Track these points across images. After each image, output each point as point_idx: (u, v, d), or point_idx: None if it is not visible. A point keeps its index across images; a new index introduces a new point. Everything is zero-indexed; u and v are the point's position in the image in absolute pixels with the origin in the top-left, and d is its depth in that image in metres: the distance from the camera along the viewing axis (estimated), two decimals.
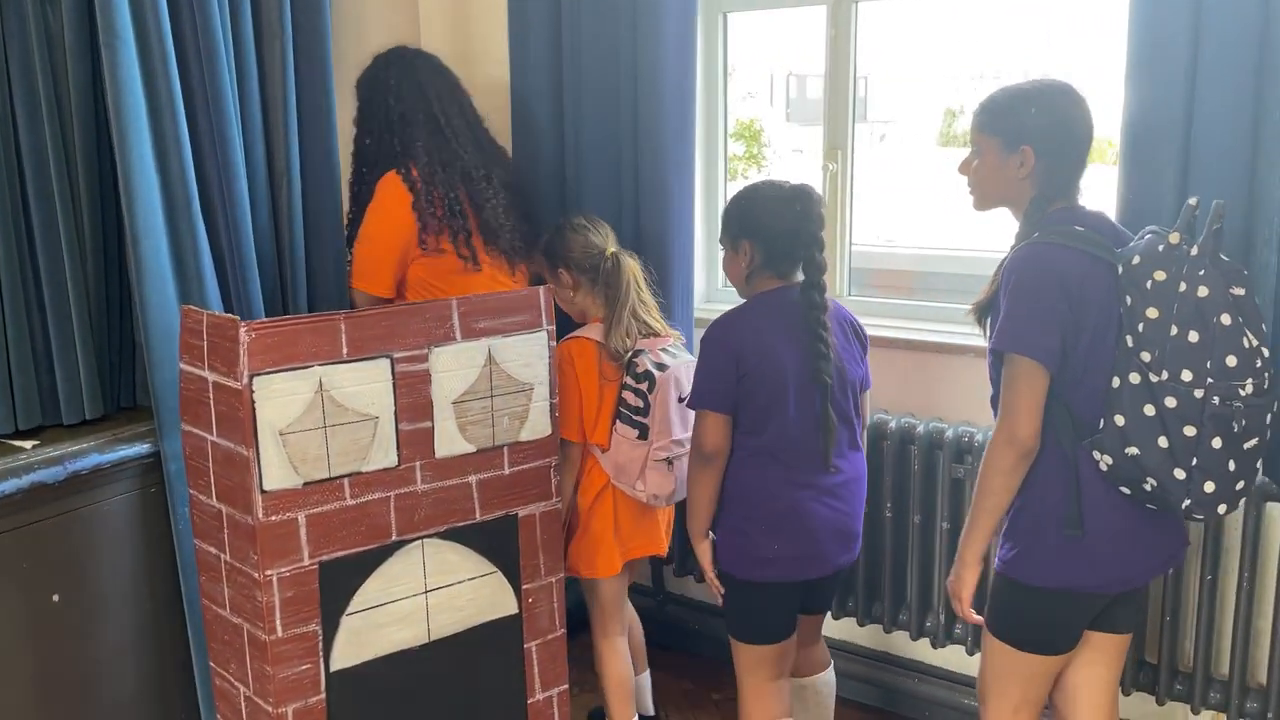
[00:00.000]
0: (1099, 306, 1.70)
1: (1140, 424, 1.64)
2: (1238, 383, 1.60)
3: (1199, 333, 1.61)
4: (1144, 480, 1.67)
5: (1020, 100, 1.79)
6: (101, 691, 2.02)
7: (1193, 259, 1.64)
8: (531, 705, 2.21)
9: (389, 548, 1.98)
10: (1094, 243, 1.73)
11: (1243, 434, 1.62)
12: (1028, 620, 1.82)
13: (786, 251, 2.07)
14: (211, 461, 1.91)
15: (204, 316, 1.87)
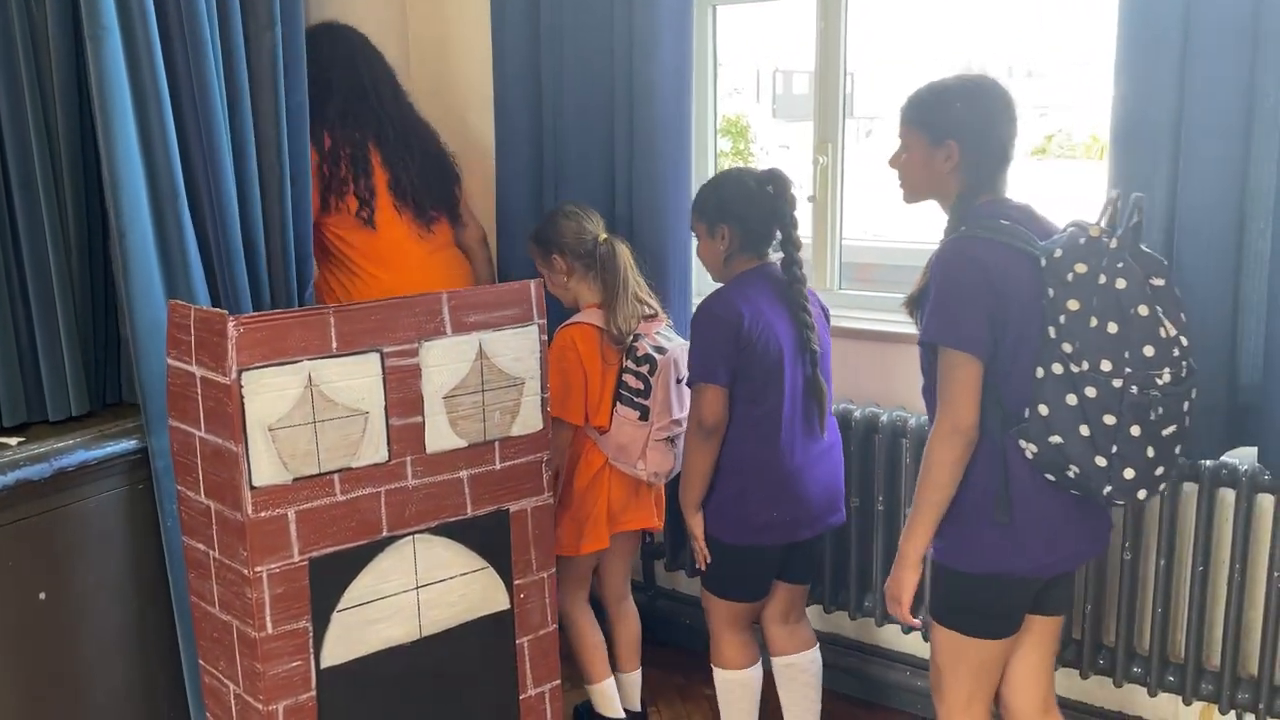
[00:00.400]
0: (1023, 299, 1.73)
1: (1063, 413, 1.68)
2: (1155, 372, 1.65)
3: (1118, 324, 1.65)
4: (1067, 467, 1.71)
5: (946, 96, 1.83)
6: (89, 690, 2.00)
7: (1112, 252, 1.67)
8: (524, 701, 2.20)
9: (380, 543, 1.96)
10: (1018, 236, 1.76)
11: (1160, 422, 1.66)
12: (968, 606, 1.86)
13: (764, 232, 2.20)
14: (200, 457, 1.90)
15: (191, 311, 1.85)
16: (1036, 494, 1.77)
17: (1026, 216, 1.83)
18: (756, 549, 2.23)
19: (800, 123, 3.36)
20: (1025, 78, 4.73)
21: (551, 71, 2.73)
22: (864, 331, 2.63)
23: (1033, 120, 4.50)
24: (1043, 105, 4.91)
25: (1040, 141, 4.84)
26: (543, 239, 2.44)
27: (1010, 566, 1.80)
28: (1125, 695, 2.43)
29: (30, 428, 2.03)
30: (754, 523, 2.19)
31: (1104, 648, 2.40)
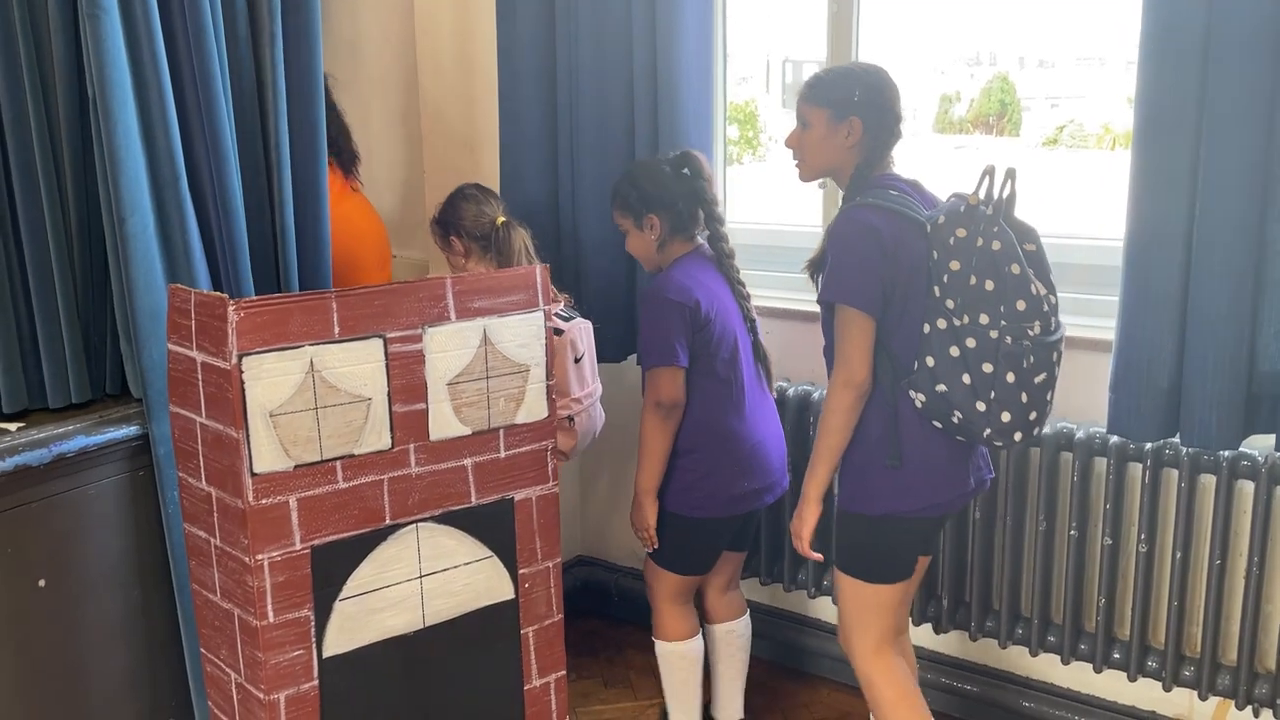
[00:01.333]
0: (911, 261, 1.90)
1: (947, 364, 1.86)
2: (1027, 324, 1.83)
3: (994, 281, 1.83)
4: (952, 414, 1.88)
5: (849, 77, 2.01)
6: (89, 678, 1.98)
7: (988, 218, 1.85)
8: (529, 692, 2.17)
9: (382, 532, 1.93)
10: (907, 205, 1.94)
11: (1032, 370, 1.85)
12: (867, 550, 2.03)
13: (690, 214, 2.30)
14: (201, 444, 1.87)
15: (191, 295, 1.82)
16: (924, 440, 1.94)
17: (914, 188, 2.01)
18: (717, 521, 2.32)
19: None
20: (1037, 68, 4.69)
21: (565, 57, 2.69)
22: None
23: (1044, 111, 4.45)
24: (1054, 96, 4.86)
25: (1052, 132, 4.79)
26: (442, 220, 2.52)
27: (902, 507, 1.97)
28: (1140, 690, 2.39)
29: (30, 414, 2.01)
30: (725, 495, 2.28)
31: (1118, 641, 2.37)
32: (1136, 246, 2.09)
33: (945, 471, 1.98)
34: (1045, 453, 2.34)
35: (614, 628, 3.12)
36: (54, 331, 2.01)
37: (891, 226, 1.90)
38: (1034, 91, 4.00)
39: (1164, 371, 2.09)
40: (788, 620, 2.86)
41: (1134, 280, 2.10)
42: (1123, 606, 2.35)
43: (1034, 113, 4.06)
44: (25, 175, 1.96)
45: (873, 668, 2.07)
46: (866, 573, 2.03)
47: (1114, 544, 2.31)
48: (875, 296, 1.89)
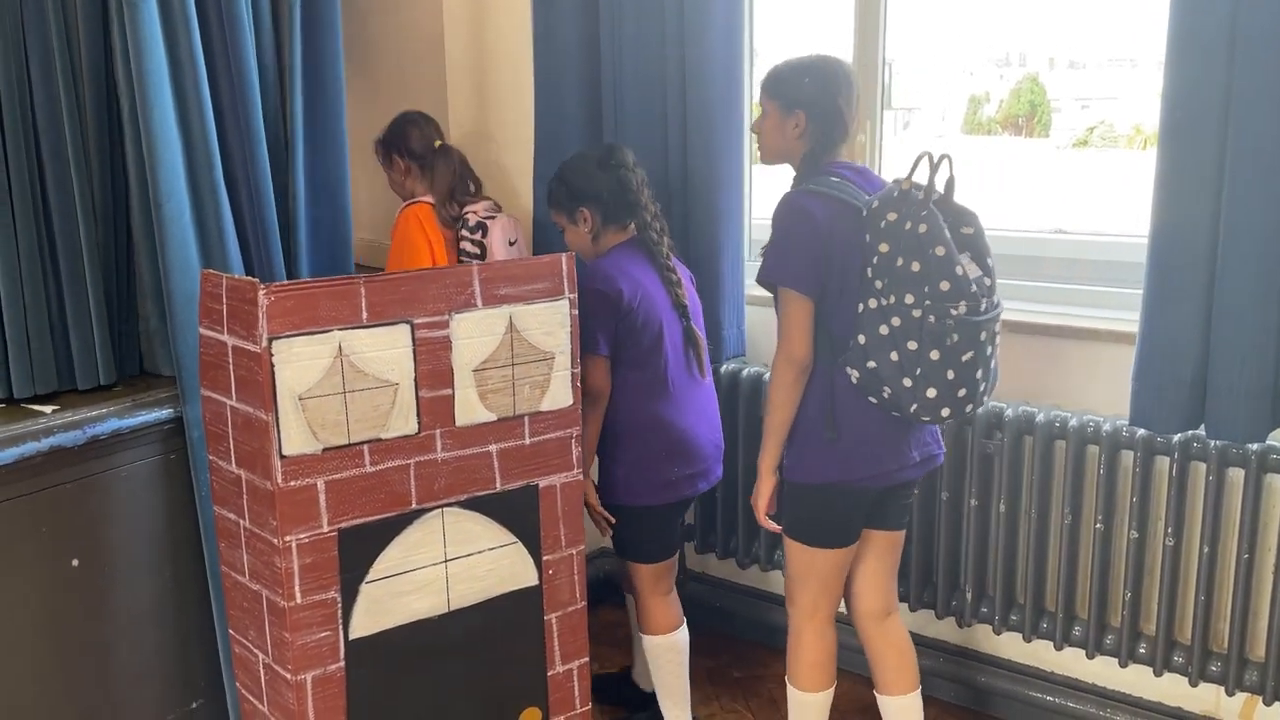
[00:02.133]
0: (846, 244, 1.99)
1: (877, 341, 1.95)
2: (950, 304, 1.90)
3: (919, 263, 1.90)
4: (882, 389, 1.97)
5: (798, 71, 2.09)
6: (120, 657, 2.01)
7: (918, 202, 1.92)
8: (552, 678, 2.19)
9: (408, 516, 1.96)
10: (845, 191, 2.03)
11: (958, 348, 1.91)
12: (810, 518, 2.13)
13: (621, 204, 2.34)
14: (231, 426, 1.90)
15: (223, 280, 1.85)
16: (860, 415, 2.03)
17: (860, 175, 2.10)
18: (659, 508, 2.36)
19: None
20: (1067, 69, 4.66)
21: (609, 53, 2.70)
22: None
23: (1074, 112, 4.42)
24: (1085, 98, 4.82)
25: (1082, 133, 4.76)
26: (386, 140, 2.72)
27: (838, 477, 2.07)
28: (1165, 685, 2.37)
29: (61, 396, 2.04)
30: (660, 480, 2.33)
31: (1143, 636, 2.35)
32: (1162, 237, 2.08)
33: (881, 445, 2.06)
34: (1071, 446, 2.32)
35: None
36: (83, 315, 2.04)
37: (828, 211, 2.00)
38: (1064, 93, 3.97)
39: (1188, 363, 2.07)
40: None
41: (1158, 271, 2.08)
42: (1149, 601, 2.33)
43: (1064, 114, 4.03)
44: (56, 159, 1.99)
45: (805, 626, 2.20)
46: (807, 537, 2.14)
47: (1140, 538, 2.29)
48: (811, 278, 1.99)
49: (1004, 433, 2.40)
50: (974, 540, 2.49)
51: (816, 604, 2.18)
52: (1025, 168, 4.06)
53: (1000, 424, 2.40)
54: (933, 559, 2.57)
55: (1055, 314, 2.45)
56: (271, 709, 1.97)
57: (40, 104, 1.95)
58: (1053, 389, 2.43)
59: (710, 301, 2.64)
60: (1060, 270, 2.54)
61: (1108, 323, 2.35)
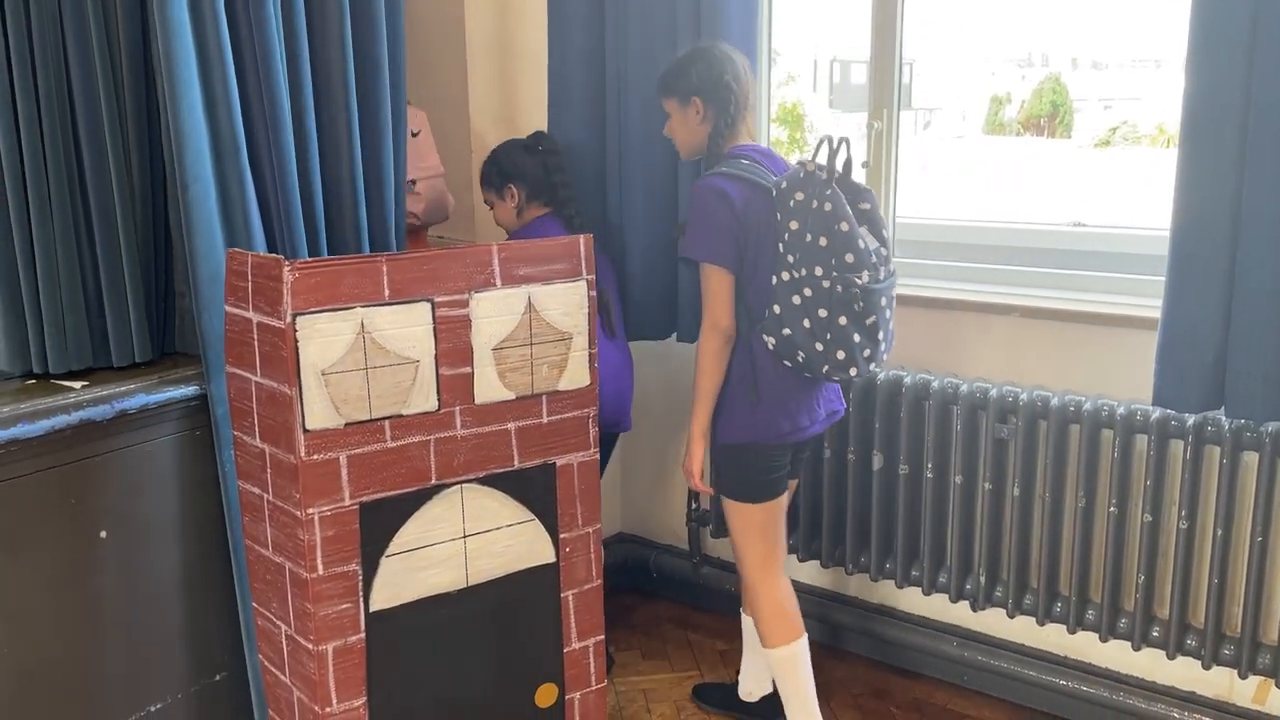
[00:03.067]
0: (759, 222, 2.17)
1: (790, 311, 2.13)
2: (855, 274, 2.08)
3: (826, 238, 2.08)
4: (796, 354, 2.15)
5: (685, 64, 2.27)
6: (146, 628, 2.05)
7: (822, 182, 2.09)
8: (568, 654, 2.22)
9: (428, 491, 1.99)
10: (755, 173, 2.19)
11: (862, 313, 2.11)
12: (738, 475, 2.29)
13: (544, 183, 2.62)
14: (255, 402, 1.94)
15: (248, 258, 1.89)
16: (777, 378, 2.21)
17: (767, 157, 2.27)
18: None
19: (857, 113, 3.37)
20: (1090, 69, 4.65)
21: (614, 45, 2.73)
22: (918, 299, 2.61)
23: (1097, 113, 4.42)
24: (1108, 98, 4.81)
25: (1104, 134, 4.74)
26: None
27: (762, 435, 2.24)
28: (1178, 669, 2.38)
29: (95, 373, 2.09)
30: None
31: (1157, 620, 2.36)
32: (1184, 222, 2.09)
33: (797, 404, 2.25)
34: (1085, 429, 2.34)
35: (652, 603, 3.16)
36: (119, 293, 2.09)
37: (741, 192, 2.16)
38: (1086, 93, 3.96)
39: (1209, 343, 2.08)
40: (824, 598, 2.88)
41: (1181, 251, 2.09)
42: (1162, 585, 2.34)
43: (1086, 114, 4.03)
44: (93, 139, 2.03)
45: (758, 579, 2.34)
46: (742, 495, 2.29)
47: (1154, 521, 2.30)
48: (730, 254, 2.17)
49: (1018, 417, 2.41)
50: (988, 524, 2.50)
51: (764, 557, 2.32)
52: (1047, 167, 4.06)
53: (1015, 409, 2.41)
54: (945, 544, 2.59)
55: (1069, 299, 2.46)
56: (293, 679, 2.01)
57: (77, 83, 1.99)
58: (1066, 374, 2.44)
59: None
60: (1077, 261, 2.55)
61: (1123, 308, 2.36)
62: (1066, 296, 2.48)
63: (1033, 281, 2.57)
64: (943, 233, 2.83)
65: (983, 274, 2.65)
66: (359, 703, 1.97)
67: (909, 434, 2.55)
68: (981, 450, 2.48)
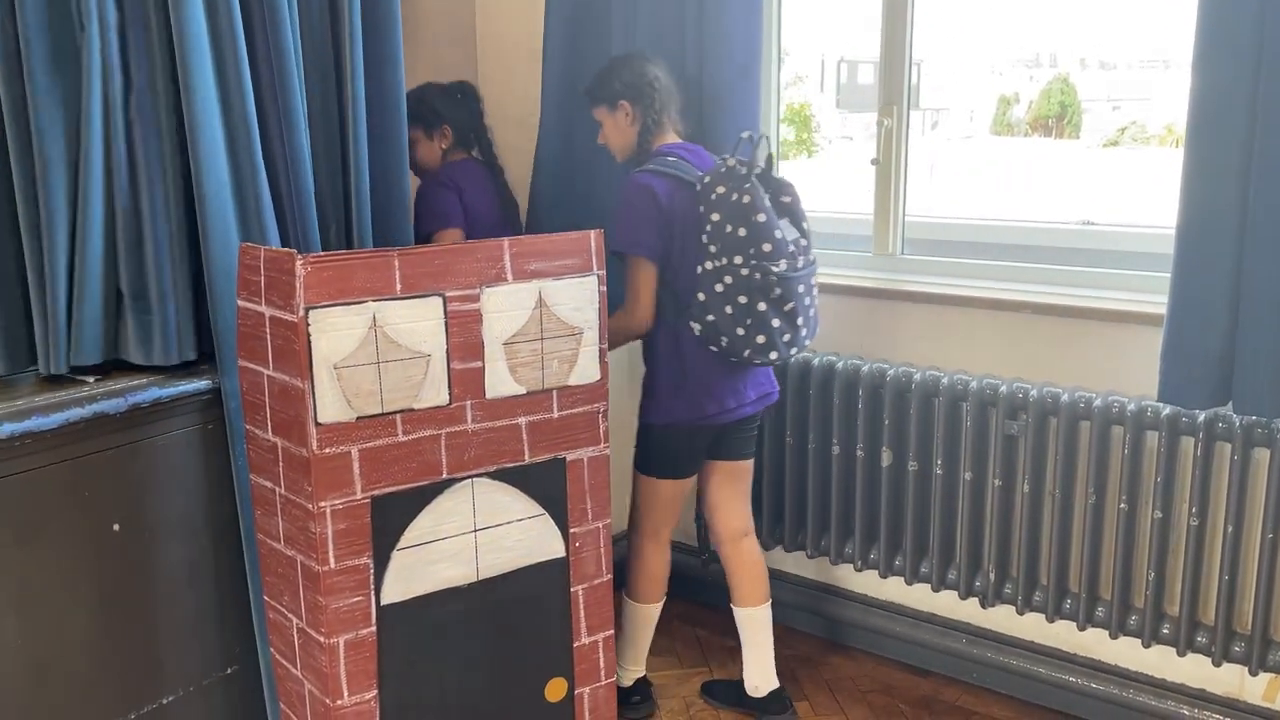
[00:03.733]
0: (684, 215, 2.30)
1: (714, 298, 2.25)
2: (771, 263, 2.21)
3: (745, 229, 2.20)
4: (720, 338, 2.27)
5: (607, 73, 2.42)
6: (158, 621, 2.06)
7: (741, 175, 2.23)
8: (578, 649, 2.22)
9: (439, 485, 2.00)
10: (680, 169, 2.33)
11: (780, 300, 2.24)
12: (653, 452, 2.45)
13: (469, 127, 2.75)
14: (268, 395, 1.95)
15: (261, 252, 1.90)
16: (703, 362, 2.33)
17: (692, 154, 2.39)
18: None
19: (864, 113, 3.38)
20: (1098, 70, 4.64)
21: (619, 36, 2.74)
22: (928, 295, 2.61)
23: (1105, 113, 4.41)
24: (1116, 99, 4.80)
25: (1113, 134, 4.73)
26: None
27: (685, 417, 2.38)
28: (1188, 666, 2.38)
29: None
30: None
31: (1167, 617, 2.36)
32: (1191, 216, 2.09)
33: (722, 387, 2.37)
34: (1095, 426, 2.33)
35: None
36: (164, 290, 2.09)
37: (666, 187, 2.30)
38: (1095, 94, 3.96)
39: (1216, 339, 2.08)
40: (832, 594, 2.88)
41: (1187, 248, 2.09)
42: (1172, 582, 2.34)
43: (1094, 115, 4.02)
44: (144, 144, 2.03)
45: (647, 545, 2.53)
46: (657, 472, 2.46)
47: (1164, 518, 2.30)
48: (654, 245, 2.30)
49: (1028, 413, 2.41)
50: (997, 521, 2.50)
51: (658, 528, 2.51)
52: (1055, 167, 4.06)
53: (1025, 405, 2.41)
54: (954, 540, 2.59)
55: (1080, 296, 2.46)
56: (304, 672, 2.02)
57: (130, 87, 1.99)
58: (1076, 370, 2.44)
59: None
60: (1087, 258, 2.55)
61: (1134, 304, 2.36)
62: (1077, 293, 2.48)
63: (1043, 278, 2.58)
64: (953, 230, 2.84)
65: (993, 270, 2.65)
66: (370, 696, 1.98)
67: (918, 430, 2.55)
68: (991, 447, 2.48)
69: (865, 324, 2.71)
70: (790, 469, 2.77)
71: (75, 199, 1.99)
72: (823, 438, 2.70)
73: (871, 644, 2.84)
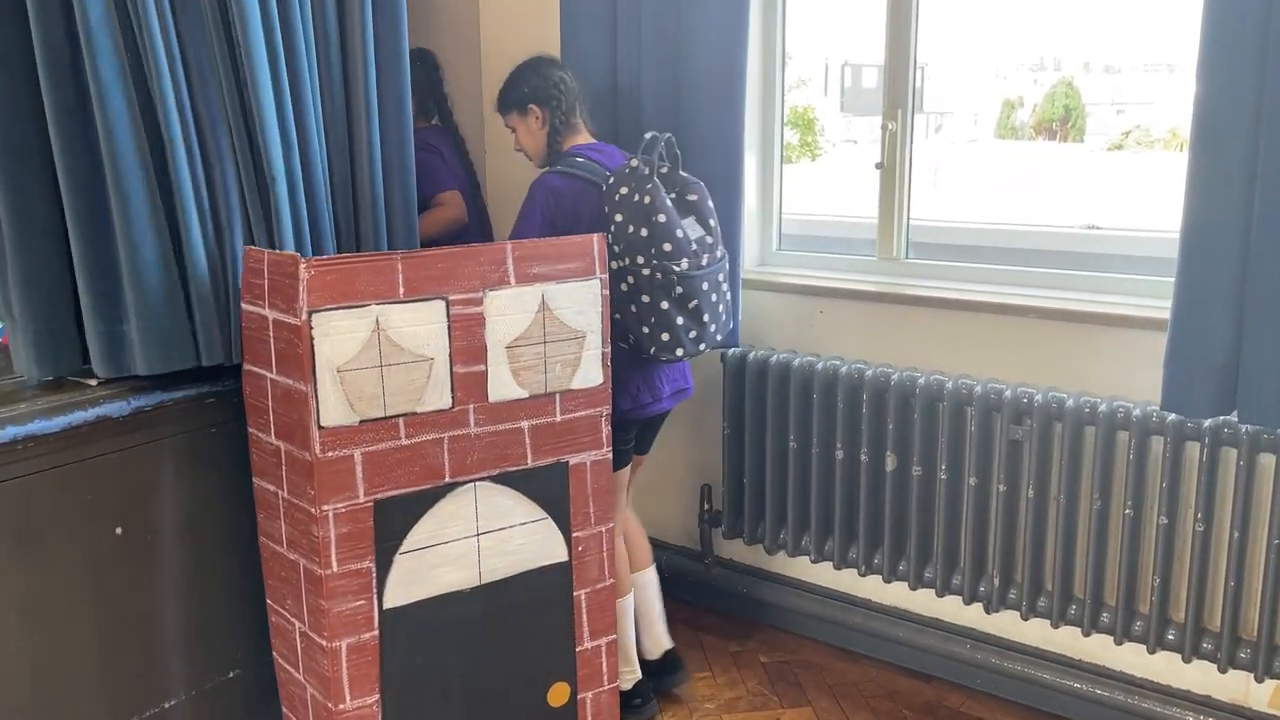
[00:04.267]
0: (591, 215, 2.32)
1: (619, 297, 2.28)
2: (672, 262, 2.23)
3: (646, 229, 2.23)
4: (628, 336, 2.31)
5: (514, 79, 2.47)
6: (160, 624, 2.06)
7: (643, 176, 2.26)
8: (580, 653, 2.22)
9: (442, 489, 2.00)
10: (588, 170, 2.37)
11: (683, 298, 2.26)
12: None
13: (428, 94, 2.93)
14: (271, 399, 1.95)
15: (265, 255, 1.90)
16: (617, 360, 2.31)
17: (602, 154, 2.43)
18: None
19: (867, 116, 3.38)
20: (1103, 74, 4.63)
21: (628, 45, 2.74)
22: (932, 299, 2.60)
23: (1109, 117, 4.40)
24: (1120, 103, 4.79)
25: (1117, 138, 4.72)
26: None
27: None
28: (1194, 672, 2.37)
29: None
30: None
31: (1172, 623, 2.34)
32: (1195, 223, 2.07)
33: (637, 384, 2.39)
34: (1101, 431, 2.32)
35: (664, 604, 3.15)
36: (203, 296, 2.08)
37: (572, 188, 2.35)
38: (1099, 97, 3.95)
39: (1220, 348, 2.07)
40: (835, 599, 2.87)
41: (1190, 254, 2.08)
42: (1178, 588, 2.33)
43: (1098, 118, 4.02)
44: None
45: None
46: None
47: (1170, 523, 2.29)
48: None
49: (1033, 419, 2.40)
50: (1001, 526, 2.49)
51: (616, 509, 2.42)
52: (1059, 171, 4.05)
53: (1030, 410, 2.41)
54: (959, 546, 2.58)
55: (1085, 300, 2.45)
56: (307, 676, 2.01)
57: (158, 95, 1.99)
58: (1081, 375, 2.43)
59: None
60: (1092, 263, 2.55)
61: (1139, 310, 2.35)
62: (1082, 298, 2.47)
63: (1048, 283, 2.57)
64: (957, 234, 2.83)
65: (998, 275, 2.64)
66: (372, 700, 1.98)
67: (923, 435, 2.54)
68: (996, 452, 2.47)
69: (869, 328, 2.70)
70: (794, 474, 2.76)
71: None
72: (826, 442, 2.70)
73: (875, 649, 2.83)
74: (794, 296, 2.81)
